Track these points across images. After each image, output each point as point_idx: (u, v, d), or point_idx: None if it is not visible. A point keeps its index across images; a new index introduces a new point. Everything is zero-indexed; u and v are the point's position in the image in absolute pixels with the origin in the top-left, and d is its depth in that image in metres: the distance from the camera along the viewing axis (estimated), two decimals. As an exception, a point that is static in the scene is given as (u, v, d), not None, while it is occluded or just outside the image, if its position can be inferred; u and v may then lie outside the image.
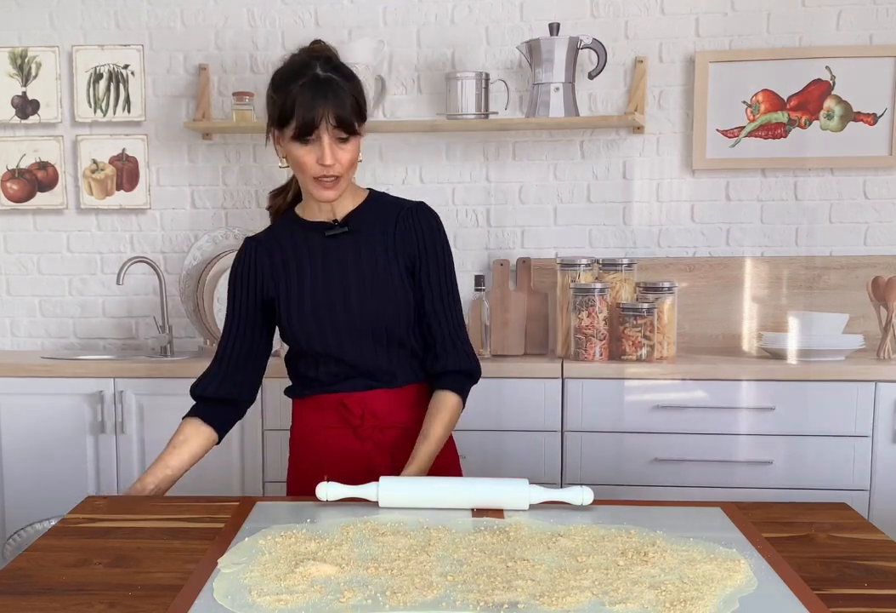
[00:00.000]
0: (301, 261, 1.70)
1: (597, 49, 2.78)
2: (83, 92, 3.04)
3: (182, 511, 1.47)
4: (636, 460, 2.50)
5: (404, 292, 1.67)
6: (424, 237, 1.69)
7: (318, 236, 1.70)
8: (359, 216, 1.70)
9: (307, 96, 1.55)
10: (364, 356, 1.68)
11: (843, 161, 2.86)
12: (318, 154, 1.57)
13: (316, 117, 1.54)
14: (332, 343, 1.67)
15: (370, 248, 1.68)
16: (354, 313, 1.65)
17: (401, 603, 1.08)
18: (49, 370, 2.64)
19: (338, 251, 1.69)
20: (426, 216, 1.71)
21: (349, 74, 1.62)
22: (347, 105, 1.56)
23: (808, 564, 1.23)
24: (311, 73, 1.57)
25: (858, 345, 2.60)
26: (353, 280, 1.67)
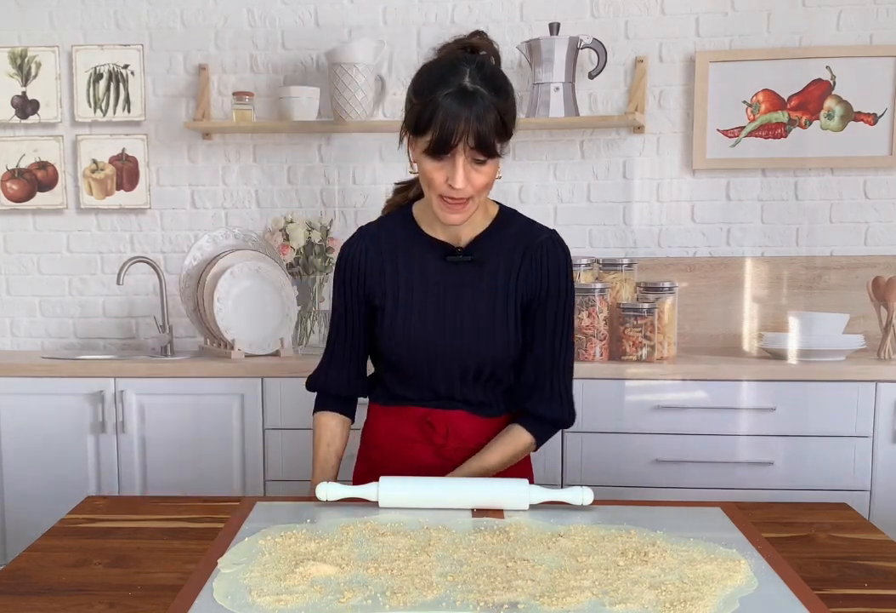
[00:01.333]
0: (415, 278, 1.58)
1: (597, 49, 2.78)
2: (83, 92, 3.04)
3: (182, 511, 1.47)
4: (636, 460, 2.50)
5: (516, 333, 1.57)
6: (550, 277, 1.57)
7: (437, 258, 1.58)
8: (485, 244, 1.57)
9: (448, 111, 1.38)
10: (458, 389, 1.59)
11: (844, 161, 2.86)
12: (450, 174, 1.43)
13: (454, 137, 1.38)
14: (429, 370, 1.58)
15: (491, 282, 1.57)
16: (460, 347, 1.56)
17: (401, 603, 1.08)
18: (49, 370, 2.64)
19: (458, 279, 1.57)
20: (557, 254, 1.59)
21: (500, 86, 1.44)
22: (491, 125, 1.39)
23: (808, 564, 1.23)
24: (458, 83, 1.40)
25: (859, 345, 2.60)
26: (467, 312, 1.56)
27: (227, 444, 2.61)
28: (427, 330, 1.56)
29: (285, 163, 3.04)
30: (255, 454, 2.60)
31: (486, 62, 1.47)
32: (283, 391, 2.57)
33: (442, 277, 1.58)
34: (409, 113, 1.45)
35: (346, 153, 3.01)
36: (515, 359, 1.60)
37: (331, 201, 3.03)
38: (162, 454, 2.62)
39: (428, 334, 1.56)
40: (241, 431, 2.60)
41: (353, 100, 2.81)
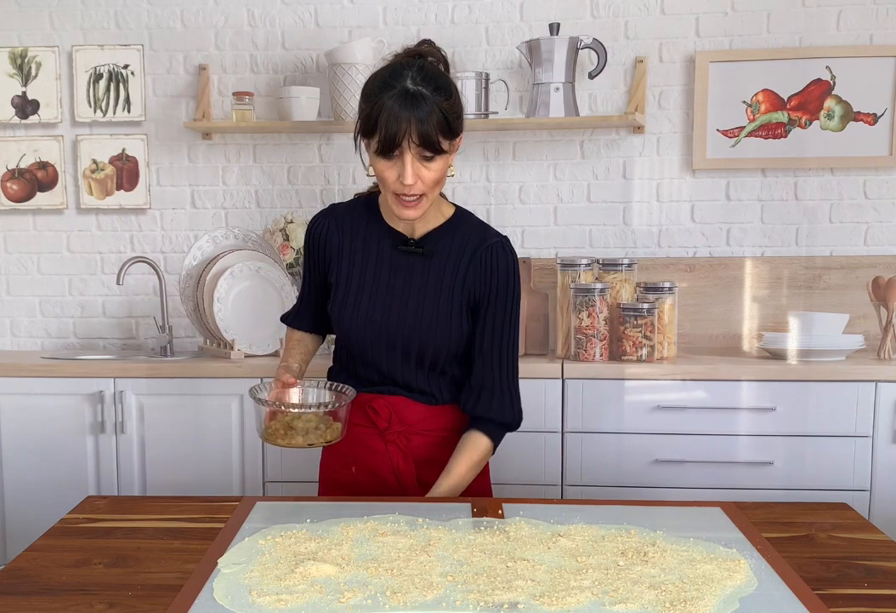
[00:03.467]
0: (368, 261, 1.67)
1: (597, 49, 2.78)
2: (83, 92, 3.04)
3: (182, 511, 1.47)
4: (637, 460, 2.50)
5: (459, 328, 1.64)
6: (498, 281, 1.65)
7: (392, 245, 1.66)
8: (437, 239, 1.66)
9: (392, 112, 1.47)
10: (403, 373, 1.67)
11: (843, 161, 2.86)
12: (400, 171, 1.50)
13: (398, 135, 1.47)
14: (375, 352, 1.66)
15: (439, 275, 1.65)
16: (403, 333, 1.63)
17: (401, 603, 1.08)
18: (49, 370, 2.64)
19: (406, 267, 1.66)
20: (505, 259, 1.66)
21: (442, 86, 1.51)
22: (433, 122, 1.47)
23: (808, 564, 1.23)
24: (400, 86, 1.48)
25: (859, 345, 2.60)
26: (413, 301, 1.64)
27: (226, 444, 2.61)
28: (373, 311, 1.65)
29: (285, 163, 3.04)
30: (254, 455, 2.60)
31: (427, 65, 1.54)
32: (283, 391, 2.57)
33: (393, 264, 1.66)
34: (360, 117, 1.54)
35: (346, 153, 3.01)
36: (457, 352, 1.67)
37: (331, 201, 3.02)
38: (161, 454, 2.62)
39: (373, 314, 1.64)
40: (241, 431, 2.60)
41: (353, 100, 2.80)
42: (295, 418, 1.50)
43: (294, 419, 1.50)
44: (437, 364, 1.66)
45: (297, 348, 1.80)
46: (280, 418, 1.50)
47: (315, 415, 1.50)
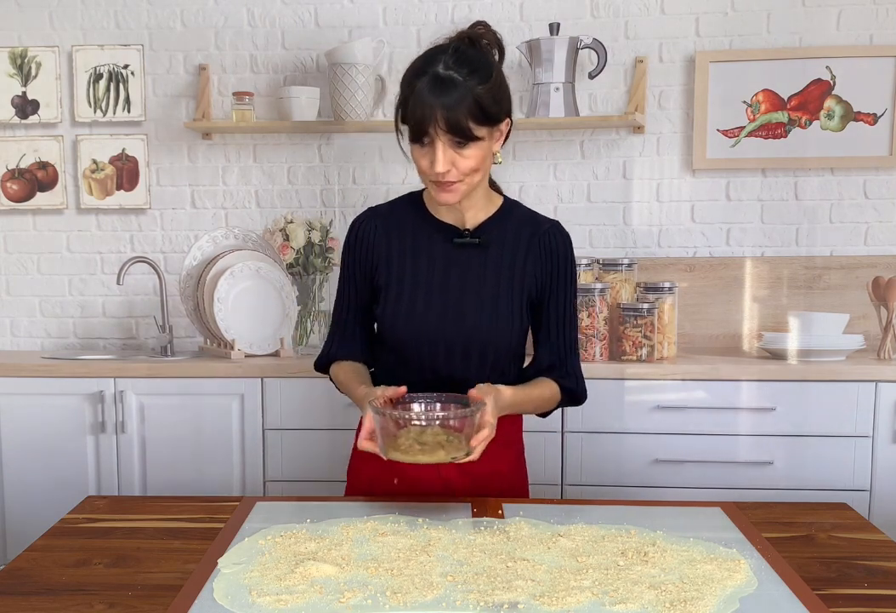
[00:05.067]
0: (420, 259, 1.59)
1: (597, 49, 2.78)
2: (83, 92, 3.04)
3: (182, 511, 1.47)
4: (637, 460, 2.50)
5: (520, 319, 1.59)
6: (558, 264, 1.61)
7: (444, 240, 1.60)
8: (491, 229, 1.60)
9: (419, 98, 1.43)
10: (461, 375, 1.57)
11: (844, 161, 2.86)
12: (433, 158, 1.46)
13: (425, 121, 1.42)
14: (432, 354, 1.57)
15: (497, 266, 1.58)
16: (465, 331, 1.56)
17: (401, 603, 1.08)
18: (49, 370, 2.64)
19: (463, 261, 1.59)
20: (562, 241, 1.63)
21: (478, 69, 1.46)
22: (463, 108, 1.42)
23: (808, 564, 1.23)
24: (432, 71, 1.44)
25: (859, 345, 2.60)
26: (473, 296, 1.57)
27: (226, 444, 2.61)
28: (431, 310, 1.57)
29: (285, 163, 3.04)
30: (254, 455, 2.60)
31: (464, 47, 1.50)
32: (282, 391, 2.57)
33: (448, 258, 1.59)
34: (398, 102, 1.50)
35: (346, 153, 3.01)
36: (518, 346, 1.61)
37: (331, 201, 3.03)
38: (162, 454, 2.62)
39: (431, 314, 1.57)
40: (241, 431, 2.60)
41: (353, 100, 2.81)
42: (420, 432, 1.36)
43: (420, 433, 1.36)
44: (499, 362, 1.59)
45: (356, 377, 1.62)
46: (405, 432, 1.36)
47: (441, 428, 1.36)
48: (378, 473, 1.59)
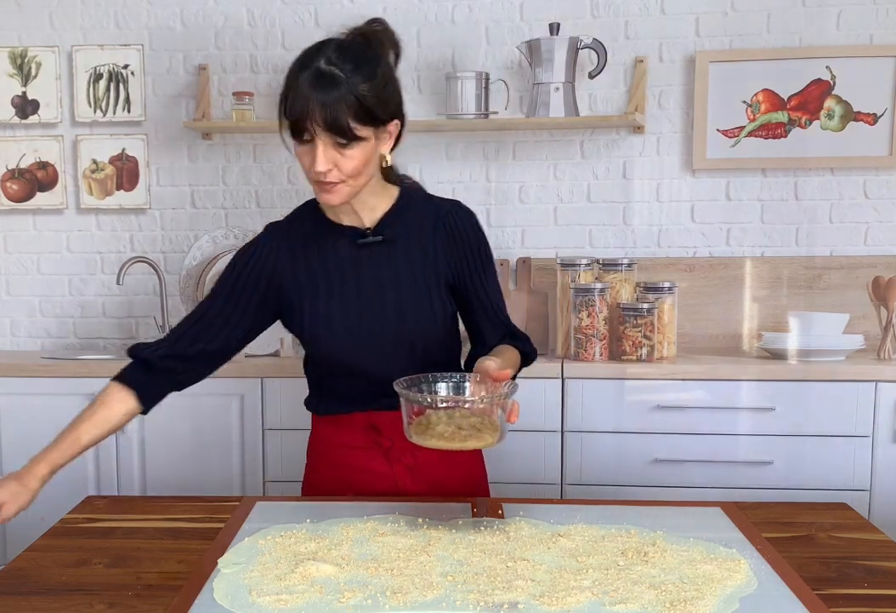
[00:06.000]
0: (329, 268, 1.55)
1: (597, 49, 2.78)
2: (83, 92, 3.03)
3: (182, 511, 1.47)
4: (636, 460, 2.50)
5: (443, 308, 1.55)
6: (468, 244, 1.57)
7: (349, 243, 1.55)
8: (392, 222, 1.55)
9: (298, 94, 1.38)
10: (394, 373, 1.48)
11: (844, 161, 2.86)
12: (313, 156, 1.40)
13: (303, 117, 1.37)
14: (365, 358, 1.54)
15: (407, 259, 1.54)
16: (390, 329, 1.53)
17: (401, 603, 1.08)
18: (49, 370, 2.64)
19: (372, 261, 1.55)
20: (466, 219, 1.58)
21: (365, 66, 1.40)
22: (343, 105, 1.36)
23: (808, 564, 1.23)
24: (314, 66, 1.38)
25: (858, 345, 2.60)
26: (390, 294, 1.53)
27: (226, 444, 2.61)
28: (351, 317, 1.53)
29: (285, 163, 3.04)
30: (254, 455, 2.60)
31: (349, 42, 1.44)
32: (282, 391, 2.57)
33: (357, 261, 1.55)
34: (280, 96, 1.46)
35: (346, 153, 3.01)
36: (446, 333, 1.58)
37: (331, 201, 3.03)
38: (162, 454, 2.62)
39: (353, 321, 1.53)
40: (241, 431, 2.60)
41: (353, 100, 2.80)
42: (450, 416, 1.29)
43: (450, 417, 1.28)
44: (431, 355, 1.56)
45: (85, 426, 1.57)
46: (435, 418, 1.29)
47: (466, 411, 1.29)
48: (329, 492, 1.61)
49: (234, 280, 1.58)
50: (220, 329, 1.58)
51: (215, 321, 1.58)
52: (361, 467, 1.59)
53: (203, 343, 1.57)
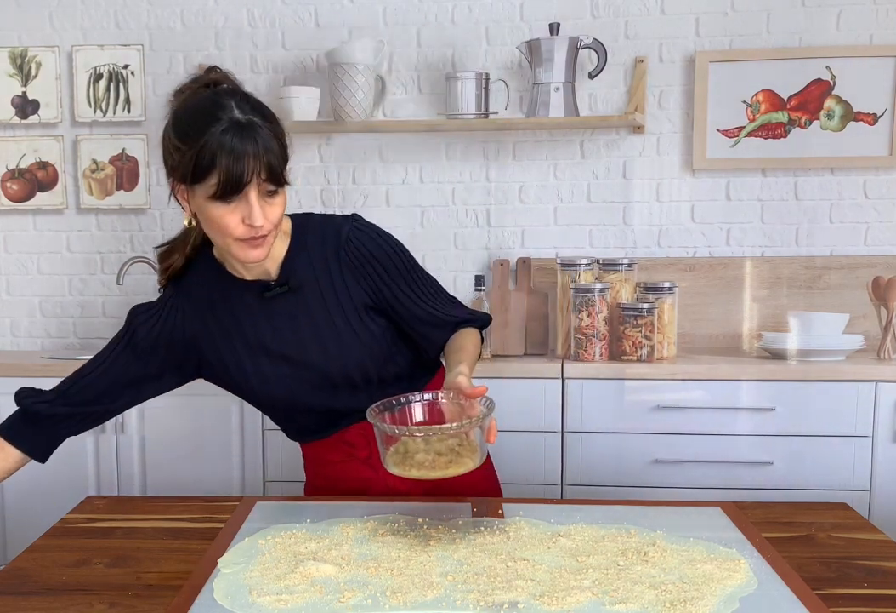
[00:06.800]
0: (243, 325, 1.49)
1: (597, 49, 2.78)
2: (83, 92, 3.03)
3: (182, 511, 1.47)
4: (636, 460, 2.50)
5: (372, 334, 1.51)
6: (376, 263, 1.49)
7: (256, 297, 1.49)
8: (294, 264, 1.48)
9: (232, 148, 1.29)
10: (345, 403, 1.53)
11: (844, 161, 2.86)
12: (245, 213, 1.33)
13: (245, 173, 1.29)
14: (307, 399, 1.52)
15: (318, 298, 1.49)
16: (321, 369, 1.49)
17: (401, 603, 1.08)
18: (49, 370, 2.64)
19: (283, 310, 1.49)
20: (366, 239, 1.49)
21: (268, 113, 1.40)
22: (277, 153, 1.34)
23: (808, 564, 1.23)
24: (227, 117, 1.32)
25: (858, 345, 2.60)
26: (310, 337, 1.49)
27: (226, 444, 2.61)
28: (281, 373, 1.50)
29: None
30: (254, 455, 2.60)
31: (245, 92, 1.41)
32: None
33: (269, 313, 1.49)
34: (181, 161, 1.32)
35: (346, 153, 3.01)
36: (382, 353, 1.52)
37: (331, 201, 3.03)
38: (162, 454, 2.62)
39: (281, 367, 1.50)
40: (241, 431, 2.60)
41: (353, 100, 2.81)
42: (426, 442, 1.26)
43: (426, 443, 1.26)
44: (370, 377, 1.52)
45: None
46: (413, 445, 1.26)
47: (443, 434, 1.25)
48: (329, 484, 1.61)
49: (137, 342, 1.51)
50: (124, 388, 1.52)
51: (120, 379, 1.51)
52: (352, 477, 1.59)
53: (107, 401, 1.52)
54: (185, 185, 1.35)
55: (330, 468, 1.61)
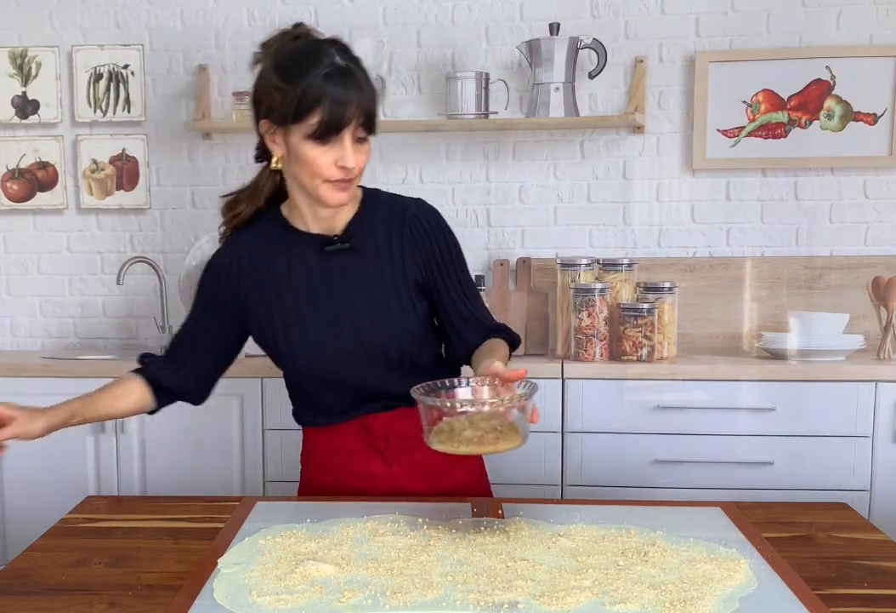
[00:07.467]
0: (296, 278, 1.52)
1: (597, 49, 2.78)
2: (83, 92, 3.03)
3: (182, 511, 1.47)
4: (637, 461, 2.50)
5: (414, 311, 1.52)
6: (436, 244, 1.54)
7: (316, 251, 1.52)
8: (359, 226, 1.53)
9: (335, 89, 1.36)
10: (377, 382, 1.54)
11: (843, 161, 2.86)
12: (338, 156, 1.40)
13: (346, 113, 1.36)
14: (342, 370, 1.52)
15: (375, 265, 1.52)
16: (365, 338, 1.50)
17: (401, 603, 1.08)
18: (49, 370, 2.64)
19: (341, 269, 1.52)
20: (432, 219, 1.56)
21: (363, 65, 1.44)
22: (373, 99, 1.40)
23: (808, 564, 1.23)
24: (330, 61, 1.37)
25: (858, 345, 2.60)
26: (360, 301, 1.51)
27: (226, 444, 2.61)
28: (324, 327, 1.51)
29: (285, 163, 3.04)
30: (254, 455, 2.60)
31: (343, 42, 1.46)
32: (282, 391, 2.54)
33: (326, 270, 1.52)
34: (282, 101, 1.38)
35: (346, 153, 3.01)
36: (422, 336, 1.55)
37: (331, 201, 3.03)
38: (161, 454, 2.62)
39: (332, 334, 1.51)
40: (241, 431, 2.60)
41: (353, 100, 2.80)
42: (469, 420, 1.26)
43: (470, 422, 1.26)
44: (406, 358, 1.53)
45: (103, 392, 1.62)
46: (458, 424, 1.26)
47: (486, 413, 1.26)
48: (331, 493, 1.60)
49: (204, 301, 1.59)
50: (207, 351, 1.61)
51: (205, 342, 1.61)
52: (359, 471, 1.58)
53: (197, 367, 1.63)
54: (281, 126, 1.40)
55: (339, 459, 1.59)
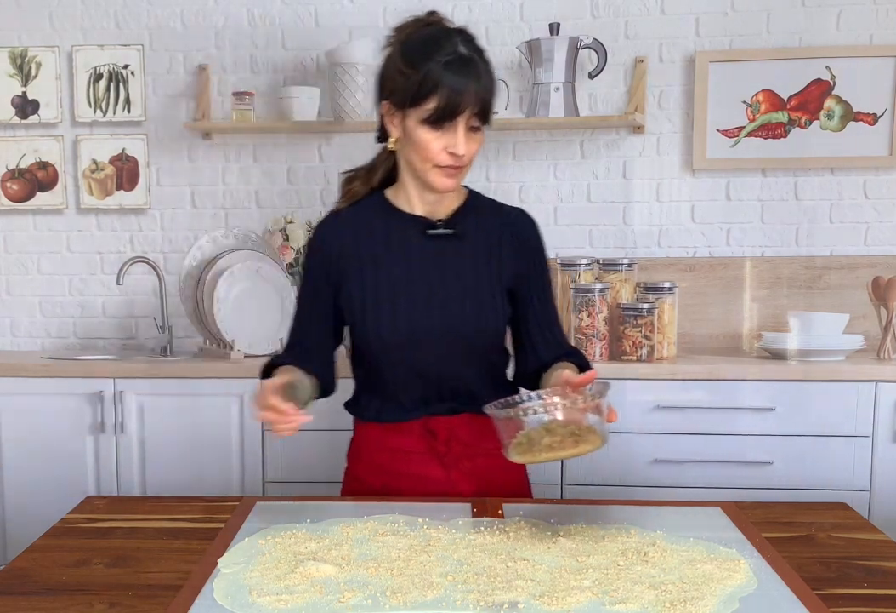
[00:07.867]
0: (395, 255, 1.53)
1: (597, 49, 2.78)
2: (83, 92, 3.03)
3: (182, 511, 1.47)
4: (637, 460, 2.50)
5: (503, 307, 1.54)
6: (533, 252, 1.57)
7: (417, 233, 1.53)
8: (463, 218, 1.55)
9: (454, 77, 1.39)
10: (452, 374, 1.53)
11: (843, 161, 2.86)
12: (450, 142, 1.42)
13: (462, 102, 1.39)
14: (422, 352, 1.51)
15: (474, 256, 1.53)
16: (453, 323, 1.50)
17: (401, 603, 1.08)
18: (49, 370, 2.64)
19: (439, 253, 1.53)
20: (532, 228, 1.59)
21: (487, 57, 1.46)
22: (492, 90, 1.43)
23: (808, 564, 1.23)
24: (453, 49, 1.40)
25: (858, 345, 2.60)
26: (455, 287, 1.51)
27: (226, 445, 2.61)
28: (413, 306, 1.51)
29: (285, 163, 3.04)
30: (254, 455, 2.60)
31: (469, 32, 1.47)
32: (283, 391, 2.57)
33: (424, 251, 1.53)
34: (404, 85, 1.43)
35: (346, 153, 3.01)
36: (502, 336, 1.57)
37: (331, 201, 3.01)
38: (161, 454, 2.62)
39: (415, 310, 1.50)
40: (241, 431, 2.60)
41: (353, 100, 2.81)
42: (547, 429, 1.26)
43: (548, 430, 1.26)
44: (486, 354, 1.54)
45: (287, 371, 1.49)
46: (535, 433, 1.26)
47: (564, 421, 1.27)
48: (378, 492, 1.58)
49: (314, 276, 1.58)
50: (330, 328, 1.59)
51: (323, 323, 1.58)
52: (414, 472, 1.56)
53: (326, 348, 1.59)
54: (399, 108, 1.46)
55: (394, 458, 1.57)
